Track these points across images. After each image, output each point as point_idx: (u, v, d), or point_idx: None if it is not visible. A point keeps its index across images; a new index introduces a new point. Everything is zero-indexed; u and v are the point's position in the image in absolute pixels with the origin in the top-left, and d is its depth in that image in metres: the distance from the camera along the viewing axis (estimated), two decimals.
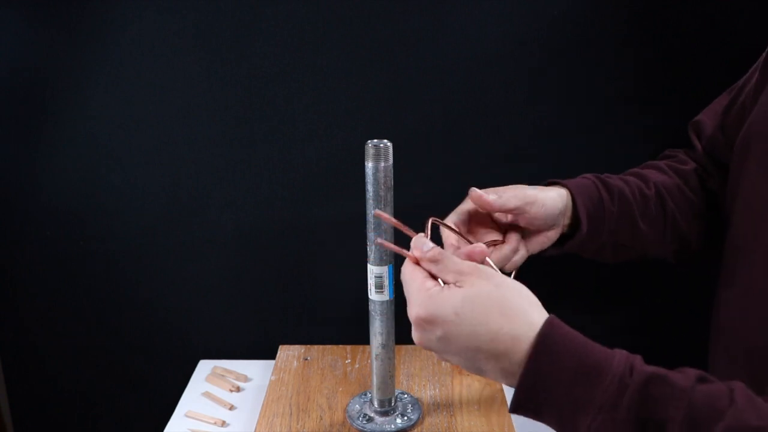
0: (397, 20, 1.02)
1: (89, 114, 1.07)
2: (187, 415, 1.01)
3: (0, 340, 1.21)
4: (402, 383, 1.00)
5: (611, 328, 1.18)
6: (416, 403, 0.94)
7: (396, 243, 0.66)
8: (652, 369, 0.47)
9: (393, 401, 0.91)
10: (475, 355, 0.51)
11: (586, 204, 0.75)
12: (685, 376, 0.47)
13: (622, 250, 0.79)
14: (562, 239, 0.78)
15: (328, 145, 1.08)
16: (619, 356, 0.48)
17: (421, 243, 0.56)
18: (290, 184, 1.10)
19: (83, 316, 1.18)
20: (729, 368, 0.70)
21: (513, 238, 0.75)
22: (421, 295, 0.53)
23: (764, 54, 0.73)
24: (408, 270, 0.57)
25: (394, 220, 0.67)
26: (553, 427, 0.50)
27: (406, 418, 0.91)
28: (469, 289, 0.51)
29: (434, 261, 0.55)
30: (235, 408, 1.03)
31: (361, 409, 0.92)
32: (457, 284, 0.53)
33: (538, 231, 0.76)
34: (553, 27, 1.02)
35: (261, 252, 1.14)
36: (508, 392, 0.99)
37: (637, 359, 0.48)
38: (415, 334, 0.54)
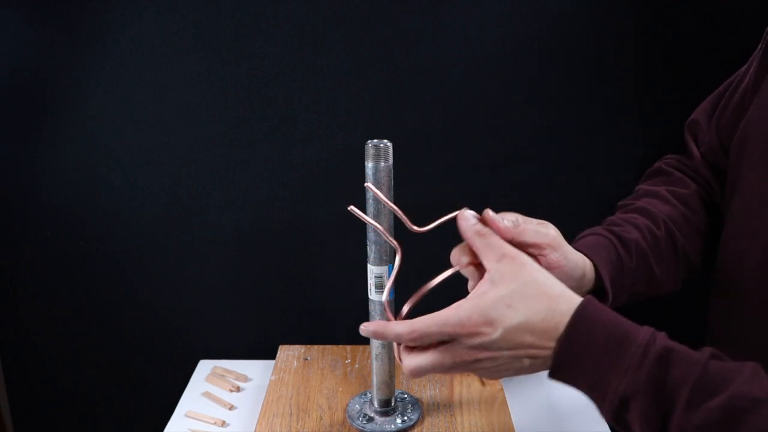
0: (397, 20, 1.02)
1: (89, 114, 1.07)
2: (187, 415, 1.01)
3: (0, 340, 1.21)
4: (402, 383, 1.00)
5: None
6: (416, 403, 0.94)
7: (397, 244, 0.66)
8: (673, 342, 0.53)
9: (393, 401, 0.91)
10: (527, 343, 0.54)
11: (608, 269, 0.69)
12: (701, 352, 0.52)
13: (634, 298, 0.75)
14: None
15: (328, 145, 1.08)
16: (646, 329, 0.53)
17: (468, 215, 0.59)
18: (290, 184, 1.10)
19: (83, 316, 1.18)
20: None
21: None
22: (464, 306, 0.55)
23: (757, 51, 0.72)
24: (428, 323, 0.55)
25: (370, 221, 0.66)
26: (585, 391, 0.55)
27: (406, 418, 0.91)
28: (513, 281, 0.55)
29: (480, 235, 0.58)
30: (235, 408, 1.03)
31: (361, 409, 0.92)
32: (495, 278, 0.55)
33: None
34: (553, 27, 1.02)
35: (261, 252, 1.14)
36: (508, 392, 0.99)
37: (661, 334, 0.53)
38: (470, 352, 0.55)
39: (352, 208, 0.66)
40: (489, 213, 0.61)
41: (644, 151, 1.08)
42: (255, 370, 1.12)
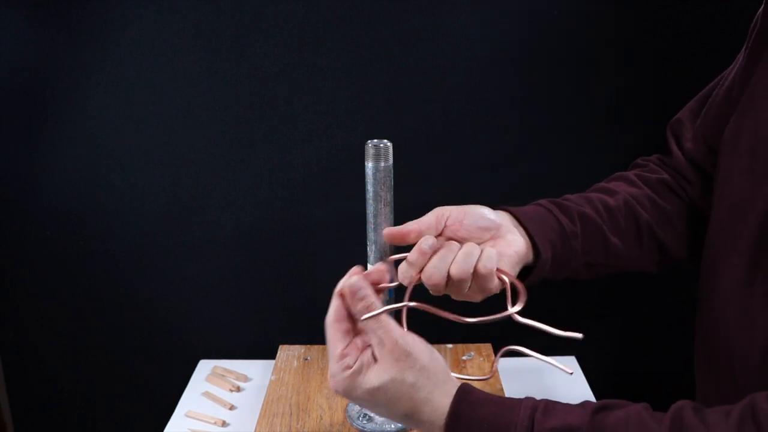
0: (397, 20, 1.02)
1: (89, 114, 1.07)
2: (187, 415, 1.01)
3: (0, 340, 1.21)
4: None
5: (598, 335, 1.19)
6: None
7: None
8: (550, 416, 0.53)
9: None
10: (392, 417, 0.58)
11: (543, 229, 0.69)
12: (582, 413, 0.53)
13: (598, 269, 0.75)
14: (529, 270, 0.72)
15: (328, 145, 1.08)
16: (524, 410, 0.53)
17: (357, 287, 0.61)
18: (290, 184, 1.10)
19: (83, 316, 1.18)
20: (712, 374, 0.70)
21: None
22: (341, 375, 0.57)
23: (742, 51, 0.72)
24: (330, 327, 0.60)
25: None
26: None
27: None
28: (383, 375, 0.56)
29: (361, 314, 0.58)
30: (235, 408, 1.03)
31: (361, 409, 0.92)
32: (375, 357, 0.57)
33: (492, 237, 0.67)
34: (552, 27, 1.02)
35: (261, 252, 1.14)
36: (508, 392, 0.99)
37: (540, 407, 0.54)
38: (335, 388, 0.59)
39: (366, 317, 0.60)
40: (388, 229, 0.67)
41: (644, 151, 1.08)
42: (255, 370, 1.12)
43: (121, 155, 1.09)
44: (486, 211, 0.68)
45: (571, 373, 0.60)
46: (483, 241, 0.66)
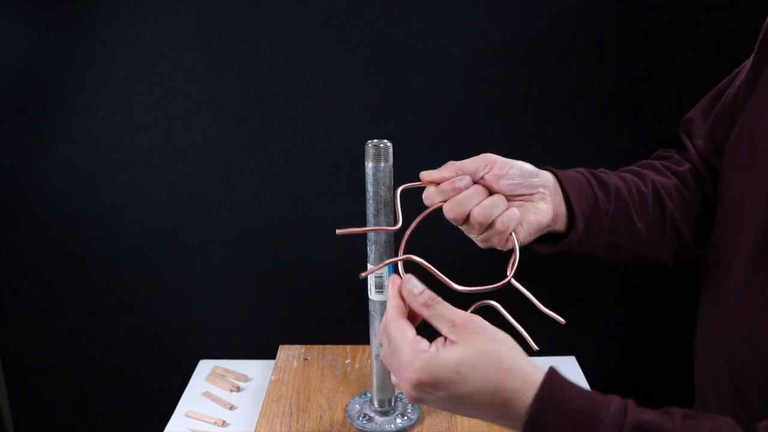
0: (397, 20, 1.02)
1: (89, 114, 1.07)
2: (187, 415, 1.02)
3: (0, 340, 1.21)
4: None
5: (598, 335, 1.19)
6: (416, 403, 0.94)
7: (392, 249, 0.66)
8: (642, 412, 0.51)
9: (393, 401, 0.91)
10: (475, 408, 0.53)
11: (580, 200, 0.70)
12: (671, 417, 0.50)
13: (619, 251, 0.76)
14: (555, 237, 0.73)
15: (328, 145, 1.08)
16: (615, 402, 0.51)
17: (411, 287, 0.56)
18: (290, 184, 1.10)
19: (83, 315, 1.18)
20: (711, 376, 0.70)
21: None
22: (419, 358, 0.52)
23: (753, 54, 0.72)
24: (395, 326, 0.55)
25: (358, 230, 0.66)
26: None
27: (406, 418, 0.91)
28: (467, 348, 0.52)
29: (426, 306, 0.55)
30: (235, 408, 1.03)
31: (361, 409, 0.93)
32: (451, 339, 0.53)
33: (523, 199, 0.68)
34: (552, 27, 1.02)
35: (261, 252, 1.14)
36: None
37: (630, 403, 0.51)
38: (411, 393, 0.53)
39: (340, 231, 0.64)
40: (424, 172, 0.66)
41: (644, 151, 1.08)
42: (255, 370, 1.12)
43: (121, 155, 1.09)
44: (527, 172, 0.69)
45: (564, 323, 0.60)
46: (513, 199, 0.68)
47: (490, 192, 0.67)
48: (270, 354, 1.11)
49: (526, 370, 0.52)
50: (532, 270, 0.79)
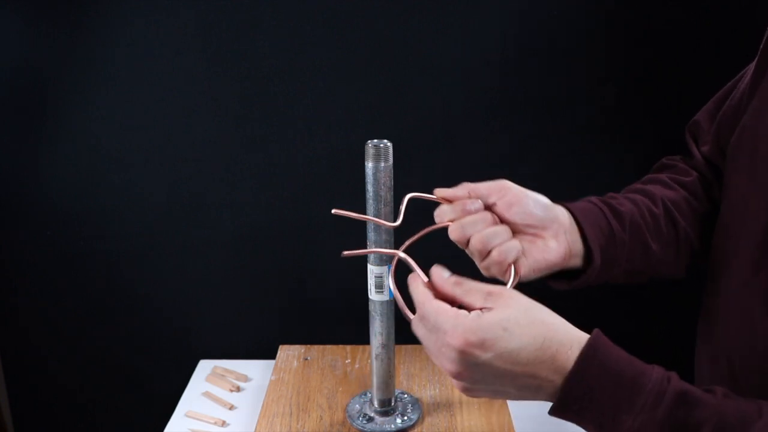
0: (397, 20, 1.02)
1: (89, 114, 1.07)
2: (187, 415, 1.02)
3: (0, 340, 1.21)
4: (402, 383, 1.00)
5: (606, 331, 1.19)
6: (416, 403, 0.94)
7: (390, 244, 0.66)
8: (685, 383, 0.52)
9: (393, 401, 0.91)
10: (523, 368, 0.52)
11: (596, 233, 0.68)
12: (714, 393, 0.51)
13: (634, 276, 0.74)
14: (571, 273, 0.71)
15: (328, 145, 1.08)
16: (658, 369, 0.52)
17: (440, 272, 0.57)
18: (290, 184, 1.10)
19: (83, 316, 1.18)
20: (712, 375, 0.70)
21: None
22: (464, 322, 0.52)
23: (759, 55, 0.72)
24: (430, 307, 0.55)
25: (354, 215, 0.67)
26: (591, 428, 0.53)
27: (406, 418, 0.91)
28: (507, 308, 0.53)
29: (458, 284, 0.56)
30: (235, 408, 1.03)
31: (361, 409, 0.93)
32: (488, 306, 0.53)
33: (534, 234, 0.66)
34: (552, 27, 1.02)
35: (261, 252, 1.14)
36: None
37: (674, 374, 0.52)
38: (456, 368, 0.53)
39: (335, 210, 0.66)
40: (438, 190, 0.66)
41: (644, 151, 1.08)
42: (255, 370, 1.12)
43: (121, 155, 1.09)
44: (541, 204, 0.67)
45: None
46: (524, 232, 0.67)
47: (501, 221, 0.66)
48: (270, 354, 1.11)
49: (571, 328, 0.53)
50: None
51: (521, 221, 0.66)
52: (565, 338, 0.52)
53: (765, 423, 0.49)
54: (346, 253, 0.63)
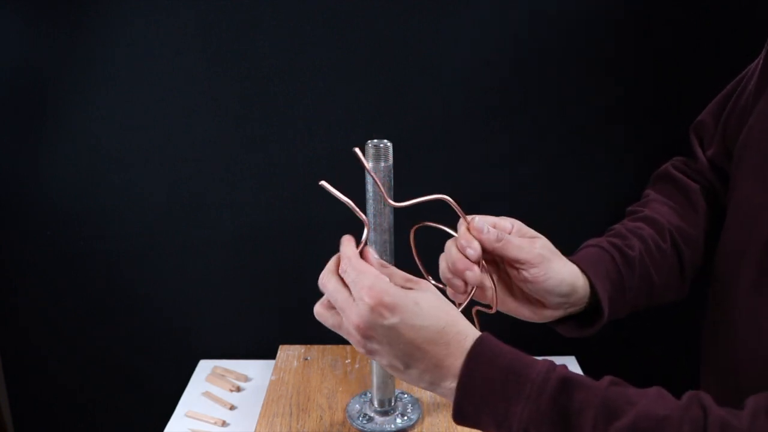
0: (397, 20, 1.02)
1: (89, 114, 1.07)
2: (187, 415, 1.01)
3: (0, 340, 1.21)
4: (402, 383, 1.00)
5: (602, 338, 1.19)
6: (416, 403, 0.94)
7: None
8: (571, 372, 0.53)
9: (393, 401, 0.91)
10: (420, 343, 0.55)
11: (606, 287, 0.67)
12: (601, 380, 0.53)
13: (637, 309, 0.73)
14: (574, 319, 0.69)
15: (328, 145, 1.08)
16: (544, 361, 0.54)
17: (372, 252, 0.63)
18: (290, 184, 1.10)
19: (83, 315, 1.18)
20: (716, 378, 0.70)
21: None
22: (382, 283, 0.56)
23: (763, 54, 0.71)
24: (360, 262, 0.60)
25: (341, 196, 0.67)
26: (492, 429, 0.54)
27: (406, 418, 0.91)
28: (422, 291, 0.57)
29: (384, 266, 0.62)
30: (235, 408, 1.03)
31: (361, 409, 0.92)
32: (408, 287, 0.58)
33: (534, 300, 0.66)
34: (553, 27, 1.02)
35: (261, 252, 1.14)
36: None
37: (561, 365, 0.54)
38: (362, 319, 0.57)
39: (323, 183, 0.66)
40: (475, 221, 0.65)
41: (644, 151, 1.08)
42: (255, 370, 1.12)
43: (121, 155, 1.09)
44: (564, 286, 0.64)
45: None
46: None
47: (517, 275, 0.64)
48: (270, 354, 1.11)
49: (469, 325, 0.57)
50: None
51: (539, 293, 0.65)
52: (463, 329, 0.55)
53: (647, 401, 0.50)
54: (324, 183, 0.66)
